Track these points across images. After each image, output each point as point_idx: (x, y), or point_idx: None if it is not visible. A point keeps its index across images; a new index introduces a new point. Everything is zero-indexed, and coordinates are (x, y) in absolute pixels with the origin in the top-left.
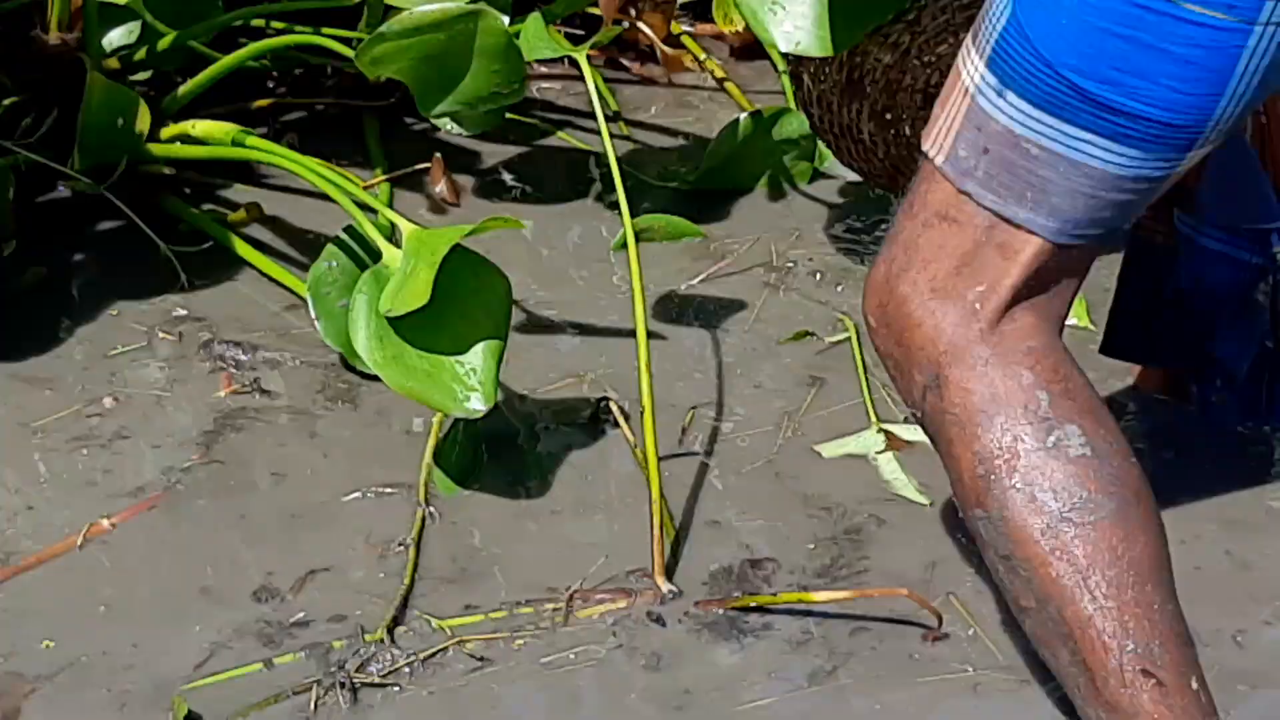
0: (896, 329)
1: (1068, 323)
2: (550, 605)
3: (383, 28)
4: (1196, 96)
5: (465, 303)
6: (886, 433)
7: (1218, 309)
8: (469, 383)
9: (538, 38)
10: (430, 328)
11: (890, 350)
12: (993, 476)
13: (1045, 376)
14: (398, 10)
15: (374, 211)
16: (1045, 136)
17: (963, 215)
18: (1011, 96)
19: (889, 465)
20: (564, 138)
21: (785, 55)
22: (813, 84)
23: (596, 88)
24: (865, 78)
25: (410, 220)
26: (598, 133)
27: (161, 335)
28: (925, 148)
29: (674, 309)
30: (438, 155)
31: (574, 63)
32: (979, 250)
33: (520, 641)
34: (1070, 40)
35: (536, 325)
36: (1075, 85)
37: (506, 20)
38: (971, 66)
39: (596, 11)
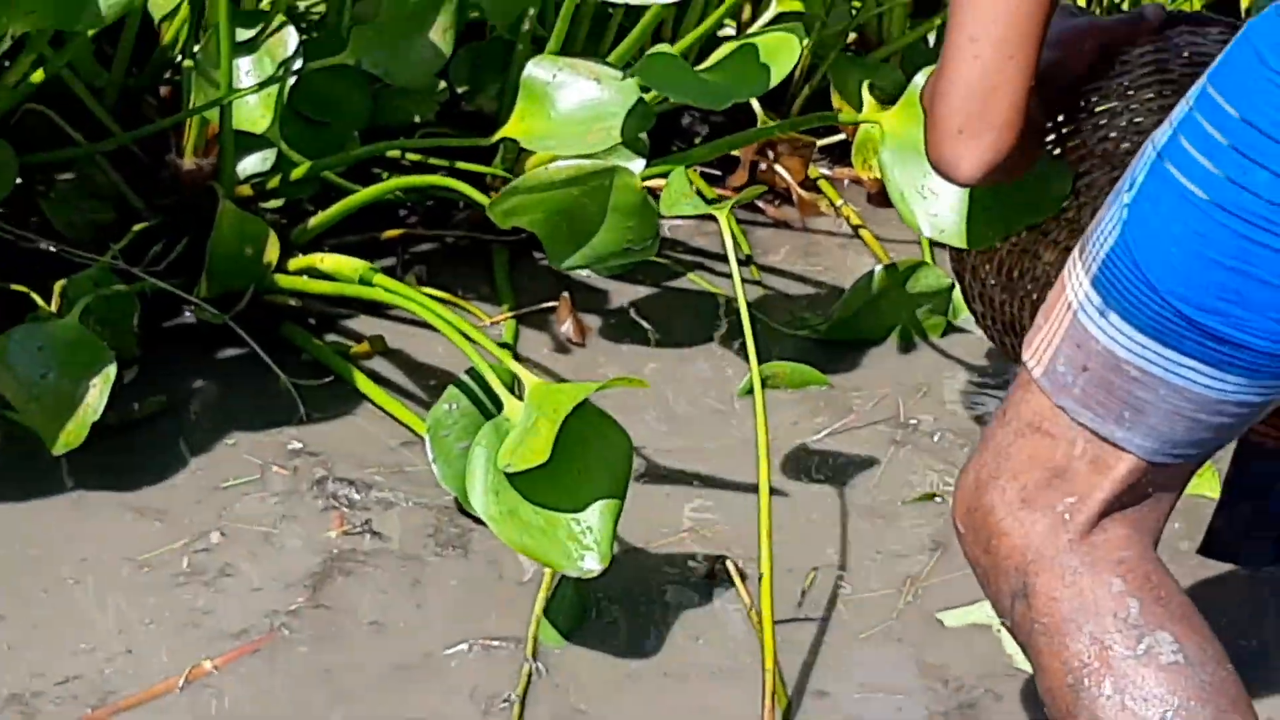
0: (984, 537)
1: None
2: None
3: (516, 182)
4: None
5: (585, 460)
6: None
7: None
8: (584, 541)
9: (681, 194)
10: (548, 484)
11: (978, 558)
12: (1083, 686)
13: (1135, 585)
14: (530, 153)
15: (498, 356)
16: (1147, 360)
17: (1056, 429)
18: (1115, 318)
19: (1011, 638)
20: (694, 280)
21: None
22: (973, 280)
23: (731, 231)
24: (1026, 275)
25: (533, 361)
26: (729, 276)
27: (276, 469)
28: (1025, 358)
29: (798, 463)
30: (565, 295)
31: None
32: (1071, 464)
33: None
34: (1178, 268)
35: (656, 474)
36: (1181, 313)
37: (642, 166)
38: (1076, 282)
39: (735, 153)
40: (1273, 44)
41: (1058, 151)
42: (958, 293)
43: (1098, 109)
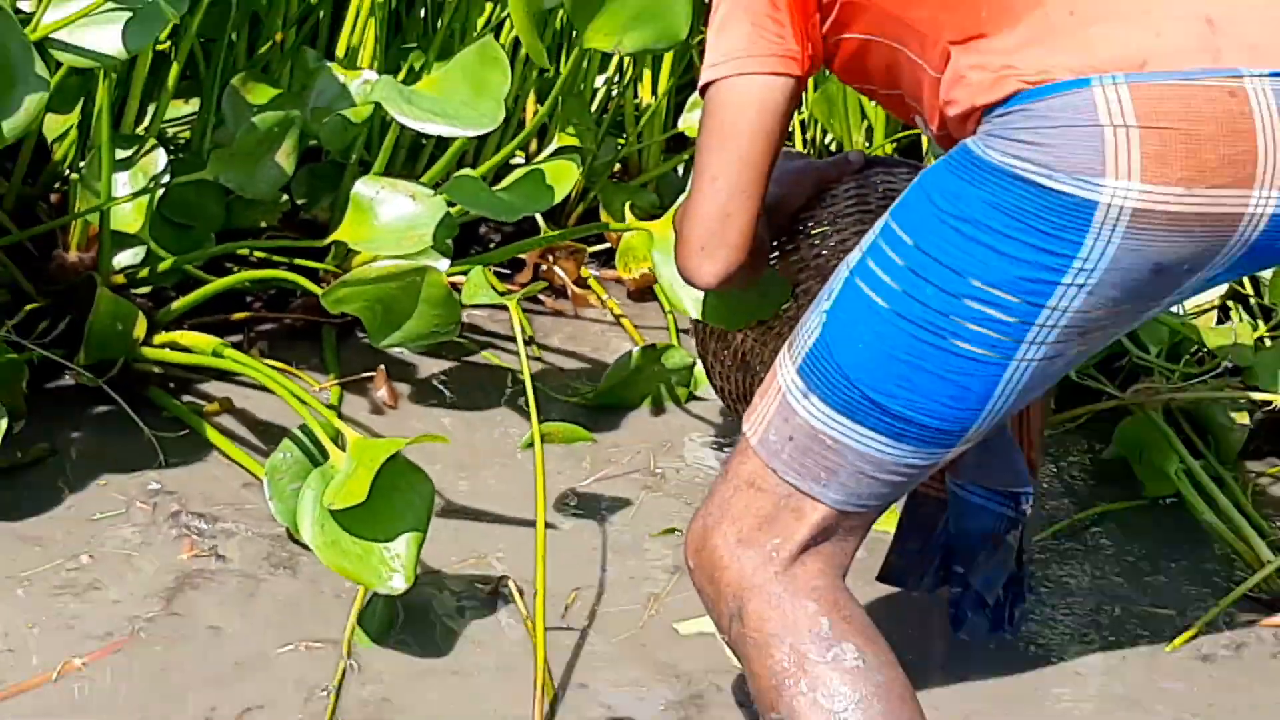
0: (709, 571)
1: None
2: None
3: (345, 277)
4: (963, 410)
5: (394, 500)
6: None
7: (976, 549)
8: (393, 566)
9: (479, 287)
10: (365, 519)
11: (704, 586)
12: (784, 687)
13: (827, 607)
14: (356, 253)
15: (324, 415)
16: (839, 432)
17: (767, 485)
18: (815, 399)
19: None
20: (487, 357)
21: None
22: (713, 361)
23: (518, 318)
24: (755, 358)
25: (354, 420)
26: (516, 353)
27: (138, 505)
28: (744, 428)
29: (567, 504)
30: (381, 367)
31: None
32: (778, 513)
33: None
34: (865, 361)
35: (453, 511)
36: (866, 395)
37: (447, 265)
38: (785, 370)
39: (522, 256)
40: (940, 188)
41: (781, 264)
42: (699, 369)
43: (813, 232)
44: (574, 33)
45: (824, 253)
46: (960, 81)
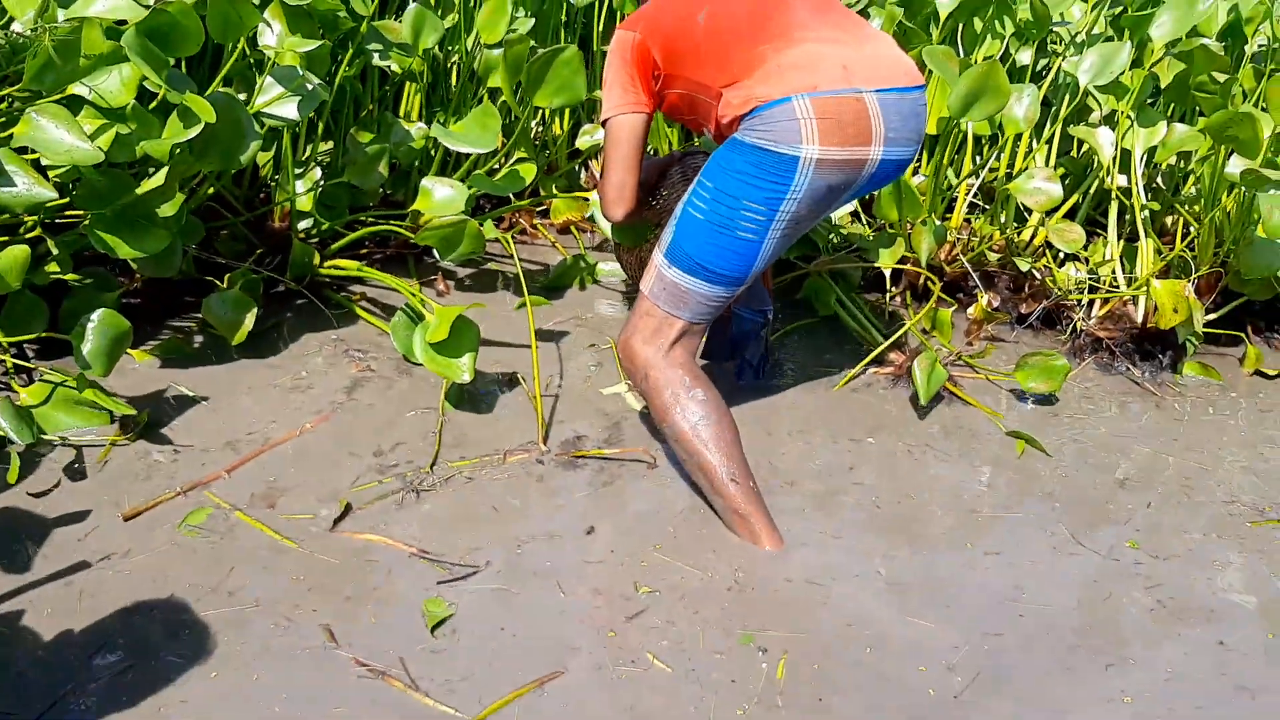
0: (628, 357)
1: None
2: (495, 456)
3: (425, 227)
4: (744, 266)
5: (459, 337)
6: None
7: (748, 339)
8: (462, 368)
9: (488, 231)
10: (445, 346)
11: (629, 368)
12: (667, 410)
13: (687, 372)
14: (430, 218)
15: (417, 296)
16: (686, 283)
17: (654, 313)
18: (674, 268)
19: (630, 394)
20: (493, 266)
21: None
22: (623, 258)
23: (508, 245)
24: (644, 256)
25: (431, 301)
26: (509, 263)
27: (326, 347)
28: (641, 286)
29: (541, 332)
30: (440, 273)
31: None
32: (660, 326)
33: (484, 471)
34: (695, 244)
35: (485, 342)
36: (697, 262)
37: (473, 218)
38: (658, 254)
39: (504, 214)
40: (722, 157)
41: (649, 211)
42: (599, 265)
43: (663, 192)
44: (525, 97)
45: (670, 200)
46: (729, 104)
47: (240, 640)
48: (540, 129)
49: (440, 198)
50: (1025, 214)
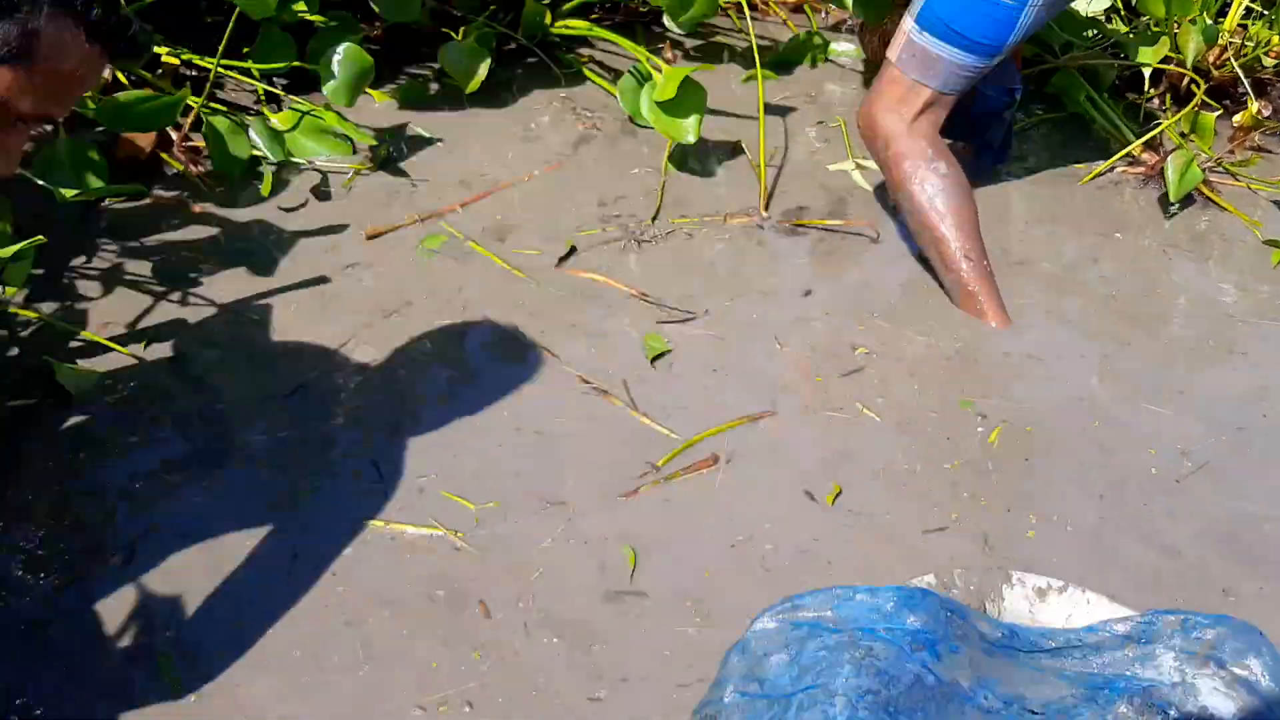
0: (870, 127)
1: None
2: (716, 216)
3: None
4: (1001, 37)
5: (686, 98)
6: (858, 164)
7: (991, 120)
8: (687, 129)
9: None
10: (672, 107)
11: (869, 137)
12: (906, 180)
13: (930, 144)
14: None
15: (647, 58)
16: (937, 49)
17: (900, 80)
18: (927, 34)
19: (857, 172)
20: (719, 39)
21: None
22: (865, 37)
23: (740, 22)
24: (886, 33)
25: (660, 61)
26: (738, 34)
27: (553, 104)
28: (888, 53)
29: (781, 102)
30: (669, 40)
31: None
32: (906, 95)
33: (704, 230)
34: (954, 13)
35: (709, 110)
36: (952, 28)
37: None
38: (909, 20)
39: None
40: None
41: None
42: (832, 45)
43: None
44: None
45: None
46: None
47: (467, 347)
48: None
49: None
50: None
